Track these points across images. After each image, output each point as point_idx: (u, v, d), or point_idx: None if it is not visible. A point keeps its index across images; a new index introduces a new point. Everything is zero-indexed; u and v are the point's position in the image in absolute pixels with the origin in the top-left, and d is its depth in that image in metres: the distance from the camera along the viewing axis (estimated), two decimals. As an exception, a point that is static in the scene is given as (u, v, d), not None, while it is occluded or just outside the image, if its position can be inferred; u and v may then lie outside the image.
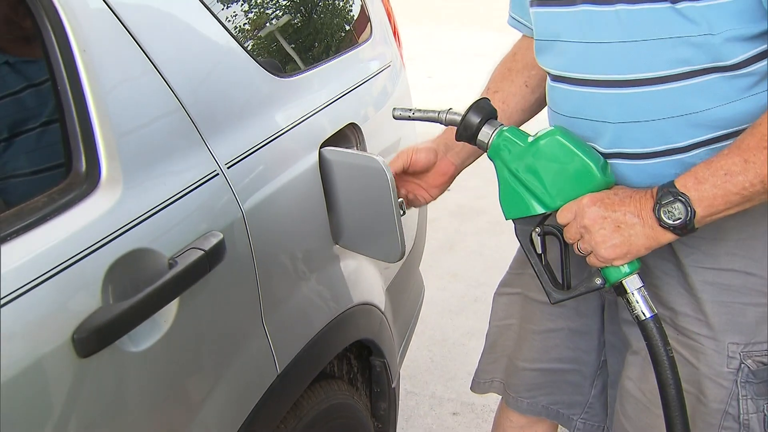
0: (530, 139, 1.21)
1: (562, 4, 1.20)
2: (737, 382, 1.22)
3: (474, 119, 1.24)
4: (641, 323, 1.17)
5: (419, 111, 1.32)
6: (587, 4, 1.15)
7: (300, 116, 1.47)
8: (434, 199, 1.47)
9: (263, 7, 1.63)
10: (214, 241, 1.11)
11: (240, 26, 1.45)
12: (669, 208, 1.08)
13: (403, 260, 1.67)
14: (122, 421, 1.03)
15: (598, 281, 1.20)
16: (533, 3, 1.27)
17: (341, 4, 1.92)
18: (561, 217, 1.19)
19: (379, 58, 1.92)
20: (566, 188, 1.18)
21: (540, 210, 1.22)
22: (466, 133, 1.26)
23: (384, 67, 1.92)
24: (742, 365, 1.21)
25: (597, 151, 1.20)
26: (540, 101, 1.46)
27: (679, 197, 1.08)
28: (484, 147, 1.25)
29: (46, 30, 1.05)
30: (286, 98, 1.47)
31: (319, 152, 1.47)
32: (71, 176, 1.04)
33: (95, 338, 0.94)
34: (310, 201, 1.45)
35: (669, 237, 1.11)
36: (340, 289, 1.60)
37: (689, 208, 1.07)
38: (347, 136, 1.63)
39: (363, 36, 1.89)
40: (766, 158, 1.03)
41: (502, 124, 1.24)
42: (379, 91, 1.88)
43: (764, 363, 1.21)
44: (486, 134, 1.24)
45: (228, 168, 1.24)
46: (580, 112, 1.22)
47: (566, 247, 1.25)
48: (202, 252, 1.08)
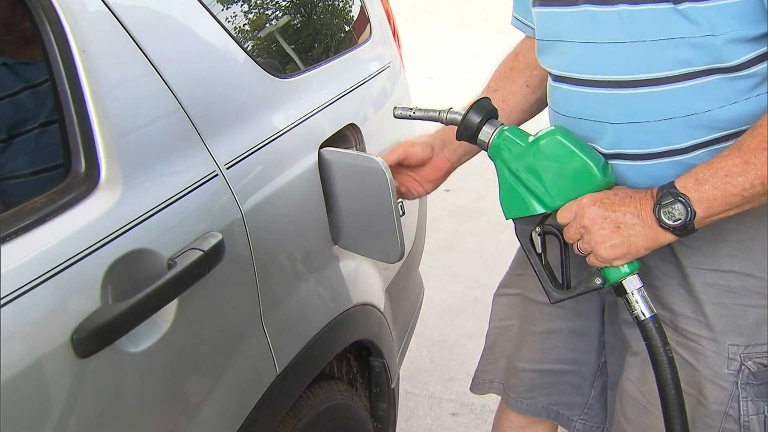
0: (531, 139, 1.21)
1: (564, 4, 1.20)
2: (737, 384, 1.21)
3: (474, 119, 1.24)
4: (641, 323, 1.17)
5: (420, 110, 1.32)
6: (589, 5, 1.15)
7: (299, 117, 1.47)
8: (427, 194, 1.47)
9: (263, 8, 1.63)
10: (214, 242, 1.11)
11: (239, 27, 1.45)
12: (669, 209, 1.08)
13: (403, 261, 1.66)
14: (121, 422, 1.02)
15: (598, 281, 1.20)
16: (535, 3, 1.27)
17: (341, 5, 1.92)
18: (561, 217, 1.19)
19: (379, 59, 1.92)
20: (566, 188, 1.18)
21: (540, 210, 1.22)
22: (467, 133, 1.25)
23: (383, 68, 1.91)
24: (743, 367, 1.21)
25: (597, 152, 1.20)
26: (540, 102, 1.46)
27: (680, 198, 1.08)
28: (485, 146, 1.25)
29: (46, 31, 1.05)
30: (286, 99, 1.47)
31: (319, 153, 1.47)
32: (70, 177, 1.04)
33: (94, 338, 0.94)
34: (310, 201, 1.45)
35: (669, 238, 1.11)
36: (340, 290, 1.60)
37: (689, 209, 1.07)
38: (347, 137, 1.63)
39: (362, 37, 1.89)
40: (767, 159, 1.03)
41: (503, 124, 1.24)
42: (379, 92, 1.88)
43: (764, 365, 1.21)
44: (486, 134, 1.24)
45: (227, 168, 1.24)
46: (581, 113, 1.22)
47: (566, 247, 1.25)
48: (202, 252, 1.08)
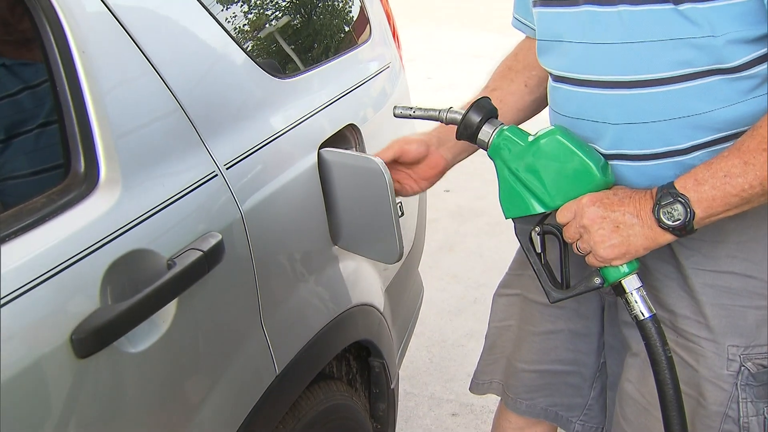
0: (530, 139, 1.21)
1: (565, 5, 1.20)
2: (737, 385, 1.21)
3: (474, 118, 1.24)
4: (639, 323, 1.17)
5: (420, 109, 1.32)
6: (590, 5, 1.15)
7: (299, 117, 1.47)
8: (422, 191, 1.47)
9: (262, 8, 1.63)
10: (213, 242, 1.11)
11: (239, 27, 1.45)
12: (668, 209, 1.09)
13: (402, 261, 1.66)
14: (120, 422, 1.02)
15: (597, 281, 1.20)
16: (536, 3, 1.27)
17: (340, 5, 1.92)
18: (560, 217, 1.19)
19: (379, 59, 1.92)
20: (566, 188, 1.18)
21: (539, 209, 1.22)
22: (467, 132, 1.26)
23: (383, 68, 1.91)
24: (742, 368, 1.21)
25: (597, 152, 1.20)
26: (538, 102, 1.46)
27: (679, 198, 1.08)
28: (485, 146, 1.25)
29: (46, 31, 1.04)
30: (285, 99, 1.47)
31: (318, 153, 1.47)
32: (70, 177, 1.04)
33: (94, 339, 0.94)
34: (309, 202, 1.45)
35: (668, 238, 1.11)
36: (339, 290, 1.60)
37: (688, 209, 1.07)
38: (346, 137, 1.63)
39: (362, 37, 1.89)
40: (766, 160, 1.03)
41: (503, 123, 1.25)
42: (379, 92, 1.88)
43: (764, 366, 1.21)
44: (486, 133, 1.24)
45: (227, 169, 1.24)
46: (582, 113, 1.22)
47: (565, 247, 1.25)
48: (201, 253, 1.08)
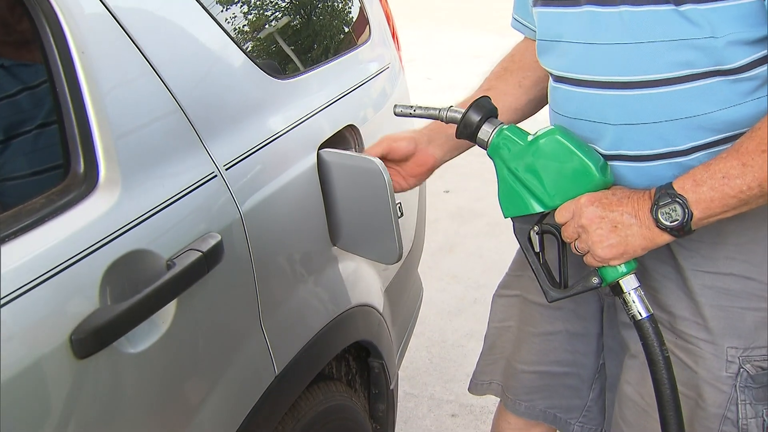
0: (530, 138, 1.21)
1: (566, 5, 1.20)
2: (736, 387, 1.21)
3: (474, 117, 1.24)
4: (637, 323, 1.17)
5: (420, 108, 1.32)
6: (591, 5, 1.15)
7: (298, 118, 1.47)
8: (411, 188, 1.47)
9: (262, 9, 1.63)
10: (212, 243, 1.11)
11: (239, 28, 1.45)
12: (666, 210, 1.09)
13: (402, 262, 1.66)
14: (120, 423, 1.02)
15: (595, 281, 1.21)
16: (536, 3, 1.27)
17: (340, 6, 1.92)
18: (559, 216, 1.19)
19: (378, 60, 1.92)
20: (565, 187, 1.19)
21: (538, 209, 1.22)
22: (466, 131, 1.26)
23: (383, 69, 1.92)
24: (741, 370, 1.21)
25: (597, 152, 1.20)
26: (534, 103, 1.46)
27: (677, 199, 1.08)
28: (484, 145, 1.25)
29: (45, 32, 1.05)
30: (285, 100, 1.47)
31: (318, 154, 1.47)
32: (69, 177, 1.04)
33: (93, 339, 0.94)
34: (309, 202, 1.45)
35: (666, 238, 1.11)
36: (339, 291, 1.60)
37: (686, 210, 1.07)
38: (346, 138, 1.63)
39: (362, 38, 1.89)
40: (765, 162, 1.03)
41: (503, 123, 1.25)
42: (378, 93, 1.88)
43: (763, 368, 1.21)
44: (486, 132, 1.24)
45: (226, 169, 1.24)
46: (582, 114, 1.22)
47: (564, 247, 1.26)
48: (200, 253, 1.08)
